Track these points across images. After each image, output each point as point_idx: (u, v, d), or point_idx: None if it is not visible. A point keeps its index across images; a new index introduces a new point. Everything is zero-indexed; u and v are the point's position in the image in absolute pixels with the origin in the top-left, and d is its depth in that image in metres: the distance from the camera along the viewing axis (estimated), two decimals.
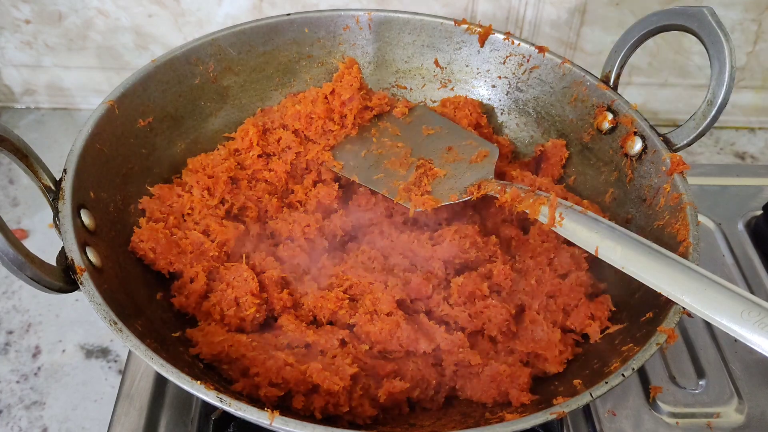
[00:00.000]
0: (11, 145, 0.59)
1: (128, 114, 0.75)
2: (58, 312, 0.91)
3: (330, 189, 0.82)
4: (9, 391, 0.83)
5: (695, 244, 0.67)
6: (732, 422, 0.76)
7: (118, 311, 0.57)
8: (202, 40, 0.83)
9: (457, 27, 0.89)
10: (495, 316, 0.70)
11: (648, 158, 0.76)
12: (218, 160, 0.80)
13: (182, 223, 0.76)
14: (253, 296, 0.69)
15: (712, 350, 0.82)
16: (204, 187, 0.77)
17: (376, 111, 0.88)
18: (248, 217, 0.78)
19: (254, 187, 0.81)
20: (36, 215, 1.03)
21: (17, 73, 1.15)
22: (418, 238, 0.77)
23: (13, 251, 0.53)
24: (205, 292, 0.71)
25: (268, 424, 0.51)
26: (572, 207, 0.69)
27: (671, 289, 0.58)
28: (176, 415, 0.73)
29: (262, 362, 0.63)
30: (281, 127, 0.85)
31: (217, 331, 0.67)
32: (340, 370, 0.63)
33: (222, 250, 0.74)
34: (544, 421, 0.54)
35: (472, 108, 0.90)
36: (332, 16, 0.89)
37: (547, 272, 0.74)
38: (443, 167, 0.82)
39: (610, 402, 0.76)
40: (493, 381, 0.67)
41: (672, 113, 1.22)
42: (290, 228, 0.77)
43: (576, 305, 0.71)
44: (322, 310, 0.70)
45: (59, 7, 1.06)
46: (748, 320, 0.52)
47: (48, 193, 0.62)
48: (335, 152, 0.85)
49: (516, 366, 0.68)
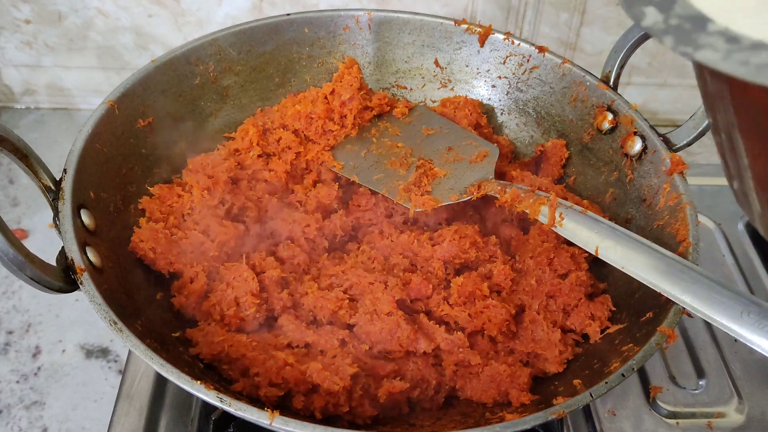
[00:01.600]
0: (11, 145, 0.59)
1: (128, 114, 0.75)
2: (58, 312, 0.91)
3: (330, 189, 0.82)
4: (9, 391, 0.83)
5: (695, 244, 0.67)
6: (732, 422, 0.76)
7: (118, 311, 0.57)
8: (202, 40, 0.83)
9: (457, 27, 0.89)
10: (495, 316, 0.70)
11: (648, 158, 0.76)
12: (218, 160, 0.80)
13: (182, 223, 0.75)
14: (253, 296, 0.69)
15: (712, 350, 0.82)
16: (204, 187, 0.77)
17: (376, 111, 0.88)
18: (248, 217, 0.78)
19: (254, 187, 0.81)
20: (36, 215, 1.03)
21: (17, 73, 1.15)
22: (418, 238, 0.77)
23: (13, 251, 0.53)
24: (205, 292, 0.71)
25: (268, 424, 0.51)
26: (572, 207, 0.70)
27: (671, 289, 0.58)
28: (176, 415, 0.73)
29: (262, 362, 0.63)
30: (281, 127, 0.85)
31: (217, 331, 0.67)
32: (340, 370, 0.63)
33: (222, 250, 0.74)
34: (544, 421, 0.54)
35: (472, 108, 0.90)
36: (332, 16, 0.89)
37: (547, 272, 0.74)
38: (443, 167, 0.82)
39: (610, 402, 0.76)
40: (493, 381, 0.67)
41: (672, 113, 1.22)
42: (290, 228, 0.77)
43: (576, 305, 0.71)
44: (322, 310, 0.70)
45: (59, 7, 1.06)
46: (747, 320, 0.52)
47: (48, 193, 0.63)
48: (335, 152, 0.85)
49: (516, 366, 0.68)
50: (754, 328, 0.52)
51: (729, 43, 0.35)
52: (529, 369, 0.68)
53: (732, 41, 0.36)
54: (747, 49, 0.35)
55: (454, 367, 0.69)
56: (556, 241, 0.76)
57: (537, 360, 0.70)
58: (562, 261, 0.74)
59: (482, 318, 0.70)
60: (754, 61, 0.35)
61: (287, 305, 0.71)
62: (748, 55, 0.35)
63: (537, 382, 0.69)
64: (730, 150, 0.44)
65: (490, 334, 0.70)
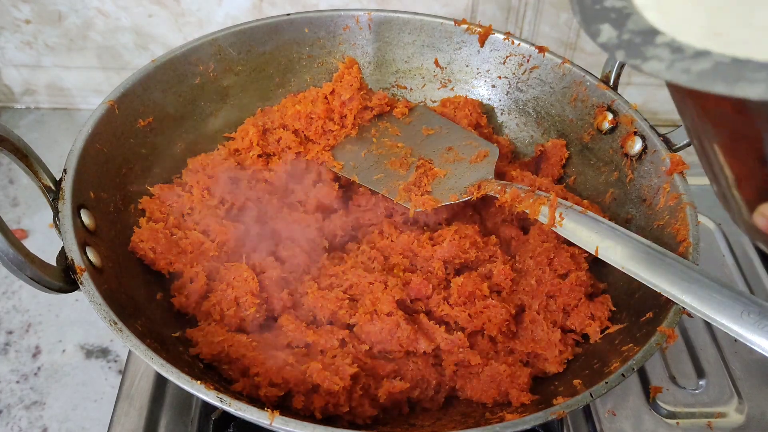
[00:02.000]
0: (11, 146, 0.59)
1: (128, 114, 0.75)
2: (58, 312, 0.91)
3: (330, 189, 0.82)
4: (9, 391, 0.83)
5: (695, 244, 0.67)
6: (732, 422, 0.76)
7: (118, 311, 0.57)
8: (202, 40, 0.83)
9: (457, 27, 0.89)
10: (495, 316, 0.70)
11: (648, 158, 0.76)
12: (218, 160, 0.80)
13: (182, 223, 0.75)
14: (253, 296, 0.69)
15: (712, 350, 0.82)
16: (204, 186, 0.77)
17: (376, 111, 0.88)
18: (248, 217, 0.78)
19: (254, 187, 0.81)
20: (36, 215, 1.03)
21: (17, 73, 1.15)
22: (418, 238, 0.77)
23: (13, 251, 0.53)
24: (205, 292, 0.71)
25: (268, 424, 0.51)
26: (572, 207, 0.70)
27: (671, 290, 0.58)
28: (176, 415, 0.73)
29: (262, 362, 0.63)
30: (281, 127, 0.85)
31: (217, 331, 0.67)
32: (340, 370, 0.63)
33: (222, 250, 0.74)
34: (544, 421, 0.54)
35: (472, 108, 0.90)
36: (332, 16, 0.89)
37: (547, 272, 0.74)
38: (443, 167, 0.82)
39: (610, 402, 0.76)
40: (493, 381, 0.67)
41: (672, 113, 1.22)
42: (290, 228, 0.77)
43: (576, 305, 0.71)
44: (322, 310, 0.70)
45: (59, 7, 1.06)
46: (748, 320, 0.52)
47: (48, 194, 0.63)
48: (335, 152, 0.85)
49: (516, 366, 0.68)
50: (755, 328, 0.52)
51: (674, 53, 0.37)
52: (529, 369, 0.68)
53: (677, 51, 0.37)
54: (689, 58, 0.37)
55: (454, 367, 0.69)
56: (556, 241, 0.76)
57: (537, 360, 0.70)
58: (562, 261, 0.74)
59: (482, 318, 0.70)
60: (695, 69, 0.36)
61: (287, 305, 0.71)
62: (690, 63, 0.37)
63: (537, 382, 0.69)
64: (703, 153, 0.46)
65: (490, 334, 0.70)
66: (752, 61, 0.36)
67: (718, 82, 0.36)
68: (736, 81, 0.35)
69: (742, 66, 0.36)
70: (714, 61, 0.36)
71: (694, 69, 0.36)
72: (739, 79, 0.35)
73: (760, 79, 0.35)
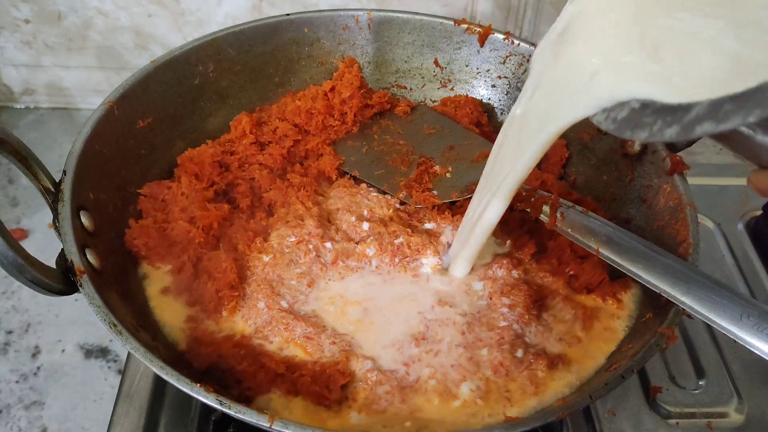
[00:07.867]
0: (11, 147, 0.59)
1: (128, 115, 0.75)
2: (57, 312, 0.91)
3: (332, 160, 0.81)
4: (8, 391, 0.83)
5: (695, 245, 0.66)
6: (732, 422, 0.76)
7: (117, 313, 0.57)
8: (202, 40, 0.83)
9: (457, 27, 0.89)
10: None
11: (648, 158, 0.76)
12: (207, 150, 0.80)
13: (170, 214, 0.74)
14: (230, 289, 0.68)
15: (712, 350, 0.82)
16: (192, 173, 0.76)
17: (377, 109, 0.88)
18: (239, 193, 0.77)
19: (246, 169, 0.80)
20: (35, 215, 1.03)
21: (17, 72, 1.15)
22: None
23: (13, 254, 0.53)
24: (193, 282, 0.70)
25: (267, 427, 0.51)
26: (573, 207, 0.70)
27: (671, 291, 0.58)
28: (176, 415, 0.73)
29: (252, 375, 0.62)
30: (278, 119, 0.84)
31: (205, 340, 0.66)
32: (332, 381, 0.62)
33: (209, 234, 0.72)
34: (544, 422, 0.54)
35: (473, 107, 0.90)
36: (332, 16, 0.89)
37: (568, 252, 0.73)
38: (444, 166, 0.82)
39: (610, 402, 0.76)
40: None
41: None
42: (284, 194, 0.77)
43: (600, 283, 0.71)
44: (318, 311, 0.70)
45: (59, 7, 1.06)
46: (747, 323, 0.52)
47: (47, 195, 0.62)
48: (336, 147, 0.85)
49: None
50: (754, 330, 0.52)
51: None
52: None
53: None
54: (615, 108, 0.42)
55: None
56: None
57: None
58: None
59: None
60: (619, 117, 0.42)
61: (276, 304, 0.70)
62: (616, 112, 0.42)
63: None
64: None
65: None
66: (655, 103, 0.40)
67: (627, 129, 0.41)
68: (635, 127, 0.40)
69: (643, 111, 0.40)
70: (630, 108, 0.41)
71: (619, 117, 0.42)
72: (636, 126, 0.40)
73: (647, 123, 0.39)
